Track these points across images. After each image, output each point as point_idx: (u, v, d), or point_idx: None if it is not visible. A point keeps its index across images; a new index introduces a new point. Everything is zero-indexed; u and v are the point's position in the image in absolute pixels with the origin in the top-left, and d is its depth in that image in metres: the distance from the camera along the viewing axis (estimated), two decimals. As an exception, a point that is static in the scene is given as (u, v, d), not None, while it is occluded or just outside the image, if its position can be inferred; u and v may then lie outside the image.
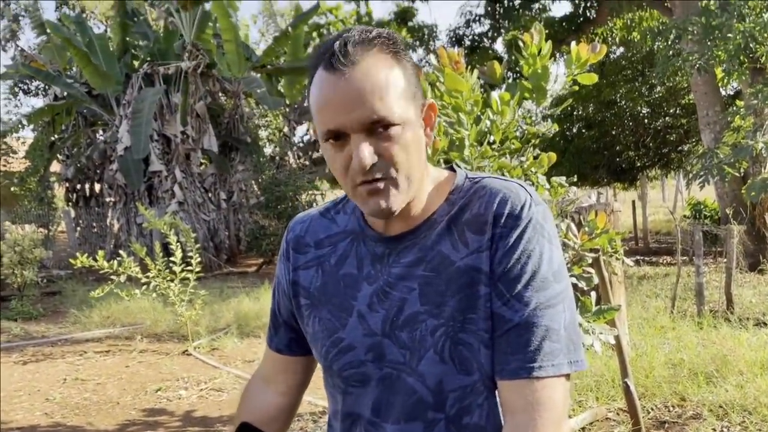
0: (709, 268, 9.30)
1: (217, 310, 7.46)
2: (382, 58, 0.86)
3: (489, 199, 0.90)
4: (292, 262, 1.05)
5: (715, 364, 4.23)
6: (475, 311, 0.88)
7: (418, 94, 0.91)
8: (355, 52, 0.85)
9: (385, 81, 0.85)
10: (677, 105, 14.56)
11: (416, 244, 0.93)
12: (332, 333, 0.97)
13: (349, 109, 0.83)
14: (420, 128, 0.91)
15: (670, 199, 29.51)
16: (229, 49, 13.63)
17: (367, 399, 0.95)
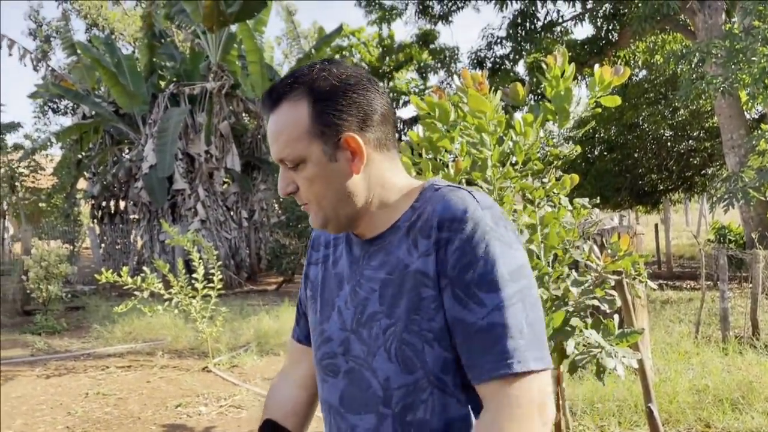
0: (734, 293, 9.14)
1: (237, 327, 7.49)
2: (292, 103, 0.99)
3: (436, 205, 0.97)
4: (309, 258, 1.20)
5: (741, 390, 4.15)
6: (419, 312, 0.93)
7: (334, 127, 0.98)
8: (274, 100, 1.01)
9: (285, 124, 0.99)
10: (701, 128, 14.44)
11: (383, 248, 1.02)
12: (320, 324, 1.09)
13: (270, 146, 1.02)
14: (332, 162, 0.99)
15: (693, 222, 29.10)
16: (254, 71, 13.85)
17: (336, 389, 1.04)
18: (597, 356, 2.48)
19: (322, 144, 0.98)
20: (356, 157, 1.00)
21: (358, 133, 0.99)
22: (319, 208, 1.01)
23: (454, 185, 1.01)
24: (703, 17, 9.98)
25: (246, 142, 15.14)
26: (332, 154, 0.98)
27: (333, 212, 1.01)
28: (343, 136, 0.99)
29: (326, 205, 1.01)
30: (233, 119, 14.66)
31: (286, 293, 11.67)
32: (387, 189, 1.03)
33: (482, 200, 0.95)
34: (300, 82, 0.99)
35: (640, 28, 10.57)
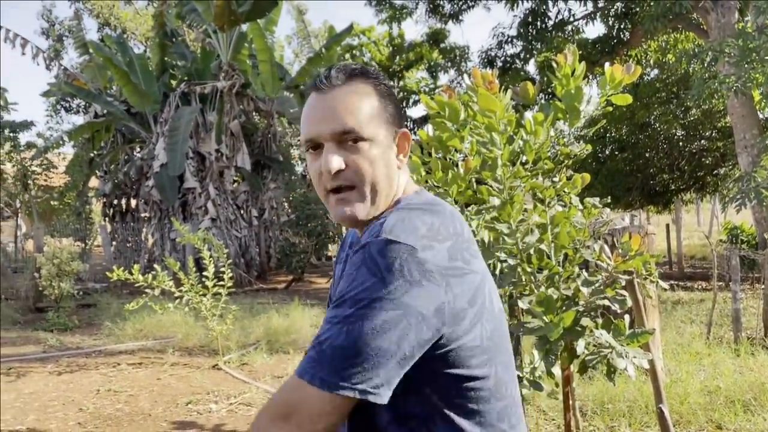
0: (746, 294, 9.07)
1: (247, 325, 7.52)
2: (360, 86, 1.03)
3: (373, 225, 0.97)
4: (336, 257, 1.25)
5: (753, 392, 4.12)
6: None
7: (394, 122, 1.07)
8: (337, 77, 1.02)
9: (359, 102, 1.01)
10: (713, 128, 14.32)
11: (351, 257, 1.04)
12: None
13: (324, 120, 1.00)
14: (390, 150, 1.05)
15: (705, 223, 28.90)
16: (264, 70, 13.89)
17: None
18: (607, 356, 2.47)
19: (388, 130, 1.04)
20: (402, 153, 1.08)
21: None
22: (369, 192, 1.01)
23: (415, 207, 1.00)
24: (715, 16, 9.91)
25: (256, 141, 15.18)
26: (390, 143, 1.05)
27: (379, 197, 1.03)
28: (400, 129, 1.08)
29: (380, 190, 1.02)
30: (244, 118, 14.71)
31: (296, 292, 11.70)
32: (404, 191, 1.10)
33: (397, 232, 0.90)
34: (364, 73, 1.05)
35: (652, 27, 10.50)
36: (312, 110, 1.03)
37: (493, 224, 2.75)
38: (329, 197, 1.03)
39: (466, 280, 0.94)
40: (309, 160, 1.05)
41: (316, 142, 1.02)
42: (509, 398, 1.02)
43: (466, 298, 0.93)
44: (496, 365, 0.99)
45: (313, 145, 1.02)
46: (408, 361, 0.88)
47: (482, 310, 0.97)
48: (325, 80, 1.02)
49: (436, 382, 0.94)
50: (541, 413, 4.15)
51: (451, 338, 0.92)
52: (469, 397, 0.96)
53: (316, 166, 1.02)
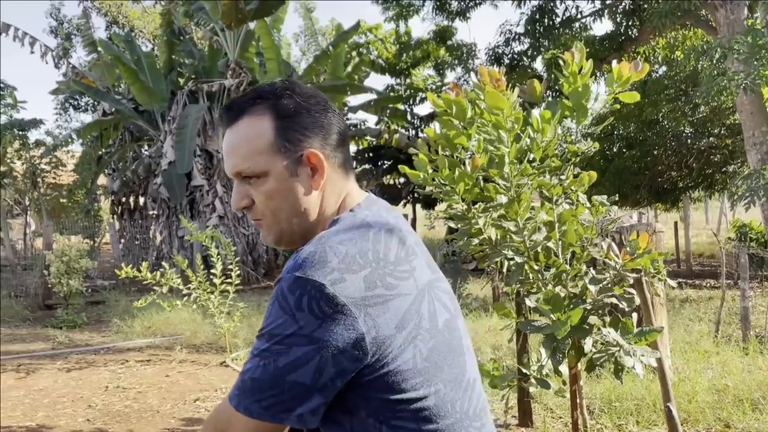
0: (755, 292, 9.02)
1: (254, 322, 7.55)
2: (255, 117, 1.03)
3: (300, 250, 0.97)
4: None
5: (762, 391, 4.10)
6: None
7: (298, 146, 1.04)
8: (231, 111, 1.05)
9: (249, 140, 1.02)
10: (722, 125, 14.23)
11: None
12: None
13: (226, 159, 1.05)
14: (293, 178, 1.04)
15: (713, 221, 28.73)
16: (271, 67, 13.91)
17: None
18: (615, 355, 2.47)
19: (285, 159, 1.03)
20: (317, 173, 1.06)
21: (319, 150, 1.05)
22: (274, 223, 1.05)
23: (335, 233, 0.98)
24: (725, 12, 9.84)
25: (263, 139, 15.21)
26: (294, 169, 1.04)
27: (288, 227, 1.06)
28: (305, 152, 1.04)
29: (282, 219, 1.05)
30: (251, 116, 14.73)
31: (303, 289, 11.72)
32: (339, 208, 1.09)
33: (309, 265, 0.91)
34: (263, 98, 1.04)
35: (661, 24, 10.44)
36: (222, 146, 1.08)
37: (501, 222, 2.75)
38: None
39: (391, 307, 0.92)
40: None
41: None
42: (458, 414, 0.99)
43: (392, 324, 0.92)
44: (436, 384, 0.96)
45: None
46: (331, 390, 0.90)
47: (416, 331, 0.95)
48: (225, 115, 1.06)
49: (370, 406, 0.94)
50: (548, 411, 4.15)
51: (376, 366, 0.91)
52: (408, 418, 0.94)
53: None
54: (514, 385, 3.07)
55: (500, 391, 2.99)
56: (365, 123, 20.49)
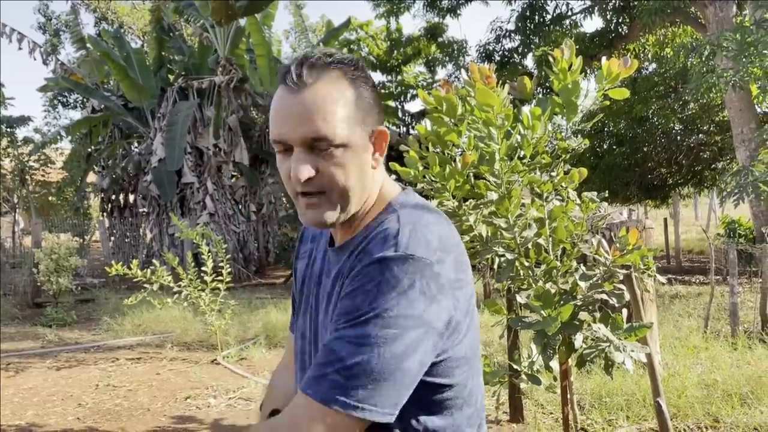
0: (743, 288, 9.10)
1: (245, 320, 7.53)
2: (335, 82, 0.92)
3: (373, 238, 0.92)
4: (296, 252, 1.21)
5: (750, 385, 4.14)
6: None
7: (370, 120, 0.97)
8: (309, 74, 0.91)
9: (332, 104, 0.91)
10: (711, 122, 14.32)
11: (340, 259, 0.99)
12: (297, 319, 1.13)
13: (295, 124, 0.91)
14: (365, 152, 0.97)
15: (702, 217, 28.93)
16: (262, 64, 13.87)
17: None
18: (605, 350, 2.48)
19: (362, 131, 0.95)
20: (378, 151, 1.00)
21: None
22: (339, 199, 0.94)
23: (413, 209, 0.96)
24: (714, 10, 9.90)
25: (254, 136, 15.17)
26: (365, 144, 0.96)
27: (349, 205, 0.96)
28: (375, 127, 0.99)
29: (349, 196, 0.94)
30: (241, 113, 14.69)
31: (294, 287, 11.70)
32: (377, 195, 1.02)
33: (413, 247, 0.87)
34: (339, 62, 0.94)
35: (650, 21, 10.49)
36: (281, 110, 0.93)
37: (491, 219, 2.75)
38: (298, 198, 0.95)
39: (466, 293, 0.93)
40: (279, 158, 0.96)
41: (286, 144, 0.93)
42: (478, 405, 1.02)
43: (464, 310, 0.93)
44: (473, 375, 0.99)
45: (282, 147, 0.94)
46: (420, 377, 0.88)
47: (473, 320, 0.97)
48: (295, 77, 0.91)
49: (416, 391, 0.88)
50: (539, 407, 4.16)
51: (444, 349, 0.91)
52: (446, 406, 0.95)
53: (285, 167, 0.94)
54: (505, 381, 3.09)
55: (491, 387, 3.00)
56: (356, 120, 20.45)
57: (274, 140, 0.94)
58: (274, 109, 0.94)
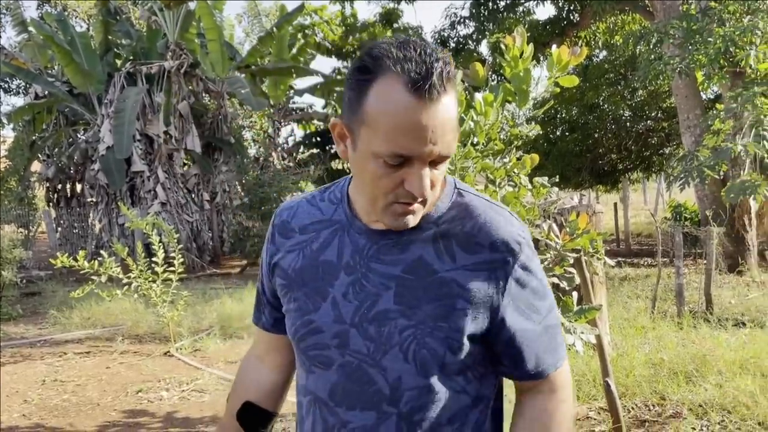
0: (689, 269, 9.41)
1: (199, 311, 7.41)
2: (453, 95, 0.88)
3: (481, 222, 0.96)
4: (277, 246, 1.09)
5: (695, 363, 4.28)
6: (447, 321, 0.93)
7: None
8: (443, 83, 0.85)
9: (455, 120, 0.88)
10: (659, 108, 14.73)
11: (399, 244, 0.96)
12: (304, 314, 1.01)
13: (431, 141, 0.85)
14: None
15: (651, 201, 29.79)
16: (213, 49, 13.55)
17: (326, 382, 0.99)
18: (556, 333, 2.52)
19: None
20: None
21: None
22: (428, 206, 0.95)
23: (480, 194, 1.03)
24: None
25: (206, 123, 14.84)
26: None
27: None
28: None
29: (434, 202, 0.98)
30: (193, 99, 14.34)
31: (250, 276, 11.57)
32: None
33: (519, 219, 1.00)
34: (453, 75, 0.87)
35: (600, 9, 10.66)
36: (415, 123, 0.83)
37: (444, 205, 2.75)
38: (393, 205, 0.91)
39: None
40: (379, 168, 0.88)
41: (407, 158, 0.86)
42: None
43: None
44: None
45: (397, 158, 0.86)
46: None
47: None
48: (435, 85, 0.83)
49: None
50: (493, 390, 4.22)
51: None
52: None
53: (391, 180, 0.88)
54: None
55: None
56: (312, 107, 20.27)
57: (395, 154, 0.86)
58: (402, 119, 0.84)
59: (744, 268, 9.04)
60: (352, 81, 0.89)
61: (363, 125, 0.87)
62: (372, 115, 0.86)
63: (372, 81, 0.86)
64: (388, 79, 0.84)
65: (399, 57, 0.84)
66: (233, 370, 5.21)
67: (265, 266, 1.12)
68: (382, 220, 0.94)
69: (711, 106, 11.58)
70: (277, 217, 1.12)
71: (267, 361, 1.20)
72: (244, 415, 1.17)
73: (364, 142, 0.88)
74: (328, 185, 1.12)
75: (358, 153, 0.91)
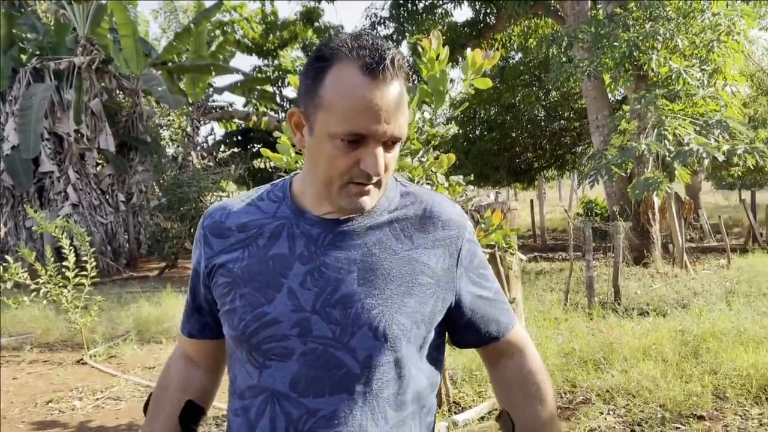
0: (599, 262, 9.90)
1: (115, 316, 7.13)
2: (404, 83, 0.95)
3: (430, 205, 1.06)
4: (213, 247, 1.07)
5: (603, 351, 4.53)
6: (412, 296, 0.99)
7: None
8: (395, 68, 0.92)
9: (406, 106, 0.95)
10: (571, 109, 15.39)
11: (355, 230, 1.01)
12: (255, 307, 0.99)
13: (385, 121, 0.91)
14: None
15: (565, 198, 31.07)
16: (127, 45, 13.06)
17: (286, 374, 0.97)
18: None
19: None
20: None
21: None
22: (383, 188, 1.00)
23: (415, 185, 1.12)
24: (571, 3, 10.58)
25: (121, 121, 14.27)
26: None
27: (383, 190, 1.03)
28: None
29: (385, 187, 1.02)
30: (106, 97, 13.75)
31: (169, 279, 11.24)
32: None
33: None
34: (405, 64, 0.94)
35: (515, 12, 11.03)
36: (370, 102, 0.89)
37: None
38: (348, 186, 0.95)
39: None
40: (335, 149, 0.92)
41: (362, 137, 0.91)
42: None
43: None
44: None
45: (353, 137, 0.91)
46: None
47: None
48: (390, 70, 0.90)
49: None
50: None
51: None
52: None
53: (347, 160, 0.93)
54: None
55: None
56: (233, 105, 19.89)
57: (351, 132, 0.90)
58: (357, 99, 0.90)
59: (649, 260, 9.61)
60: (308, 70, 0.96)
61: (320, 109, 0.92)
62: (329, 98, 0.91)
63: (328, 67, 0.92)
64: (344, 64, 0.91)
65: (354, 45, 0.91)
66: (151, 376, 5.06)
67: (201, 270, 1.09)
68: (338, 203, 0.97)
69: (618, 107, 12.22)
70: (207, 218, 1.10)
71: (200, 363, 1.20)
72: (186, 415, 1.17)
73: (321, 125, 0.93)
74: (264, 187, 1.13)
75: (314, 137, 0.95)
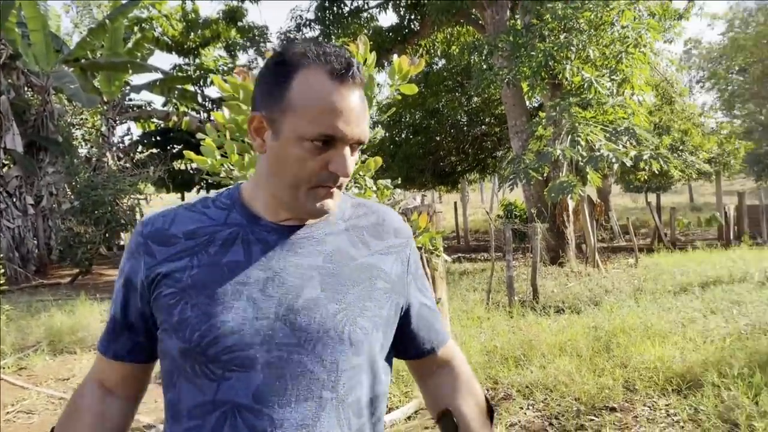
0: (518, 262, 10.26)
1: (24, 326, 6.75)
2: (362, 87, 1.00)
3: (383, 214, 1.12)
4: (156, 256, 1.00)
5: (523, 348, 4.71)
6: (371, 300, 1.01)
7: None
8: (359, 76, 0.96)
9: (367, 108, 0.99)
10: (492, 114, 15.86)
11: (313, 237, 1.02)
12: (211, 317, 0.94)
13: (354, 124, 0.94)
14: None
15: (487, 200, 31.93)
16: (36, 40, 12.41)
17: (248, 385, 0.93)
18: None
19: None
20: None
21: None
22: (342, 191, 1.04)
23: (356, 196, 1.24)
24: (491, 13, 10.93)
25: (29, 120, 13.52)
26: None
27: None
28: None
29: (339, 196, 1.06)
30: (13, 94, 13.01)
31: (83, 286, 10.74)
32: None
33: None
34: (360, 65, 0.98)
35: (438, 19, 11.27)
36: (342, 105, 0.93)
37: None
38: (317, 188, 0.97)
39: None
40: (304, 152, 0.94)
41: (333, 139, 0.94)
42: None
43: None
44: None
45: (326, 140, 0.94)
46: None
47: None
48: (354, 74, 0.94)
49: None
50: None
51: None
52: None
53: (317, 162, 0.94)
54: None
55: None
56: (151, 104, 19.26)
57: (323, 134, 0.93)
58: (330, 102, 0.93)
59: (564, 260, 10.04)
60: (268, 74, 0.98)
61: (288, 112, 0.94)
62: (297, 101, 0.93)
63: (293, 72, 0.94)
64: (312, 69, 0.94)
65: (319, 52, 0.95)
66: (65, 388, 4.84)
67: (139, 281, 1.01)
68: (305, 206, 0.97)
69: (535, 113, 12.68)
70: (147, 226, 1.03)
71: (119, 391, 1.08)
72: None
73: (289, 129, 0.94)
74: (207, 195, 1.09)
75: (281, 141, 0.95)
